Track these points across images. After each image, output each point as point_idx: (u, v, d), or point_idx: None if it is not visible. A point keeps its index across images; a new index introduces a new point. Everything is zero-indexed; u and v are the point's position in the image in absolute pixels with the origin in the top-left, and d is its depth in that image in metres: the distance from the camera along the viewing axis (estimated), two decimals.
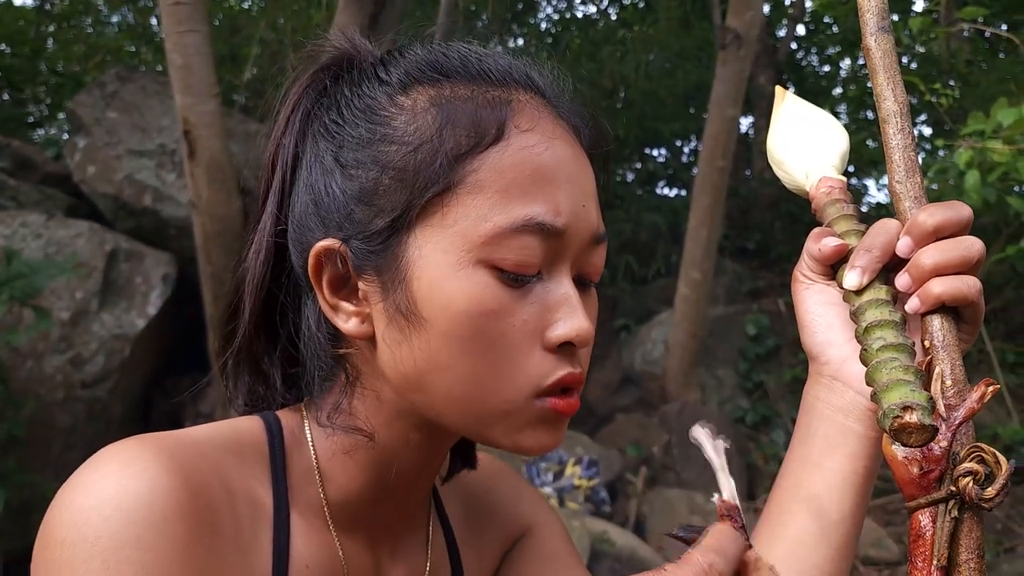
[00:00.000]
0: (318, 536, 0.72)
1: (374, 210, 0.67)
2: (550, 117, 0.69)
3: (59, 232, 4.71)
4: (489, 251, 0.64)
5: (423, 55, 0.71)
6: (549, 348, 0.66)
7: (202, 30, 4.09)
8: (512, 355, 0.65)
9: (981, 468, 0.54)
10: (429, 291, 0.65)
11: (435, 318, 0.64)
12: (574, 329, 0.65)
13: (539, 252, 0.65)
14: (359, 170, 0.67)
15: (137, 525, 0.57)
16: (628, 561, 4.15)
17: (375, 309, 0.68)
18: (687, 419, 5.54)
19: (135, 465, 0.59)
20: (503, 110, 0.67)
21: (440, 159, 0.65)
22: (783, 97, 0.76)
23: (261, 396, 0.76)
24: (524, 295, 0.65)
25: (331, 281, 0.69)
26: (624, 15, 10.15)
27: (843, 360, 0.69)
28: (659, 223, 7.71)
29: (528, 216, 0.64)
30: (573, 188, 0.67)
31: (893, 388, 0.58)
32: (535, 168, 0.65)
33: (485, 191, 0.64)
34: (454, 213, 0.64)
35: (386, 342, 0.67)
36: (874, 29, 0.66)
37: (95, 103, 5.32)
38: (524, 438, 0.67)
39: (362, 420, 0.71)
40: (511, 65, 0.71)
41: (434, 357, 0.65)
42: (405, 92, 0.69)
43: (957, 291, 0.60)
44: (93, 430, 4.41)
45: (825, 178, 0.70)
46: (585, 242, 0.68)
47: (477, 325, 0.64)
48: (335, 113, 0.71)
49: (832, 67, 10.70)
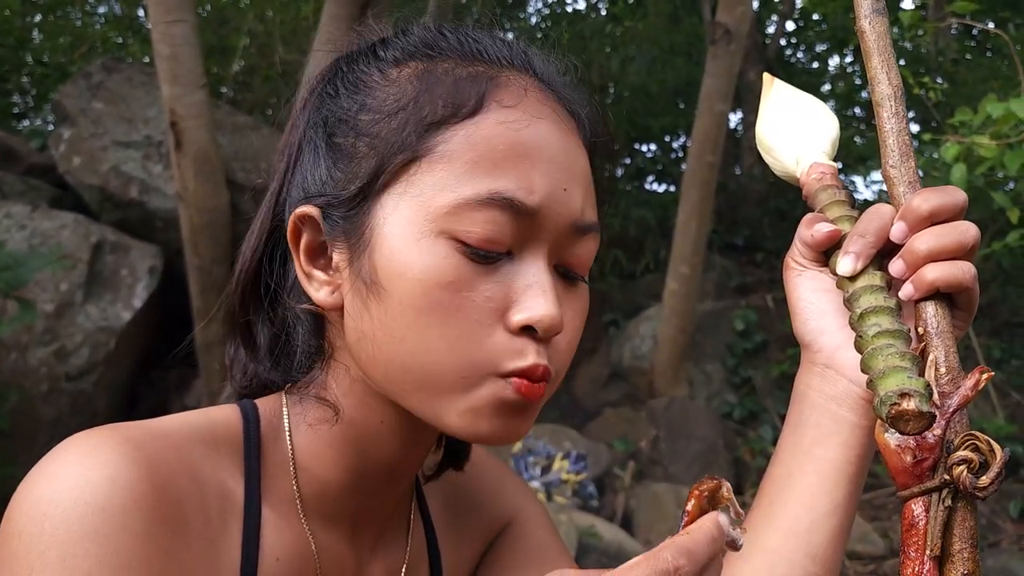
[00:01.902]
0: (290, 529, 0.70)
1: (349, 177, 0.66)
2: (541, 98, 0.68)
3: (44, 223, 4.67)
4: (452, 222, 0.62)
5: (421, 34, 0.71)
6: (511, 330, 0.63)
7: (189, 20, 4.06)
8: (470, 330, 0.63)
9: (976, 457, 0.54)
10: (388, 259, 0.63)
11: (392, 287, 0.63)
12: (538, 313, 0.62)
13: (508, 229, 0.63)
14: (342, 139, 0.68)
15: (96, 517, 0.56)
16: (615, 555, 4.15)
17: (344, 277, 0.67)
18: (675, 414, 5.55)
19: (97, 456, 0.58)
20: (486, 83, 0.66)
21: (410, 126, 0.64)
22: (771, 84, 0.75)
23: (247, 368, 0.75)
24: (490, 272, 0.63)
25: (308, 248, 0.68)
26: (614, 10, 10.14)
27: (836, 348, 0.69)
28: (648, 218, 7.71)
29: (494, 189, 0.62)
30: (554, 169, 0.65)
31: (890, 375, 0.57)
32: (511, 144, 0.64)
33: (454, 162, 0.63)
34: (420, 182, 0.63)
35: (351, 314, 0.67)
36: (868, 11, 0.65)
37: (81, 94, 5.27)
38: (482, 423, 0.64)
39: (332, 396, 0.70)
40: (509, 46, 0.70)
41: (391, 327, 0.63)
42: (396, 66, 0.69)
43: (952, 277, 0.59)
44: (77, 423, 4.38)
45: (816, 164, 0.69)
46: (564, 227, 0.66)
47: (433, 296, 0.62)
48: (331, 87, 0.71)
49: (821, 63, 10.72)
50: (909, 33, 4.16)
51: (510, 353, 0.63)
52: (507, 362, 0.63)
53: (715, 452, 5.40)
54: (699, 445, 5.40)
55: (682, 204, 5.71)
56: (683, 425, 5.49)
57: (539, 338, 0.64)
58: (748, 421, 6.15)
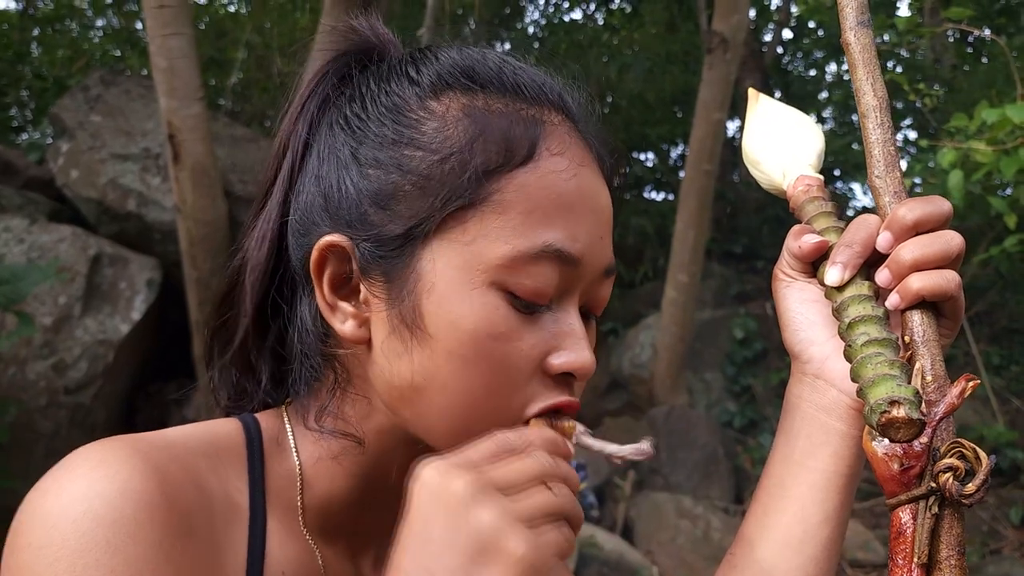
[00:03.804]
0: (295, 542, 0.70)
1: (390, 214, 0.64)
2: (579, 143, 0.68)
3: (42, 237, 4.68)
4: (505, 274, 0.62)
5: (457, 59, 0.69)
6: (549, 374, 0.65)
7: (187, 33, 4.07)
8: (512, 379, 0.64)
9: (961, 464, 0.54)
10: (438, 307, 0.63)
11: (441, 335, 0.63)
12: (579, 361, 0.64)
13: (555, 281, 0.63)
14: (379, 170, 0.65)
15: (106, 528, 0.56)
16: (616, 565, 4.14)
17: (376, 315, 0.66)
18: (675, 423, 5.55)
19: (106, 467, 0.58)
20: (536, 129, 0.65)
21: (469, 173, 0.63)
22: (757, 98, 0.76)
23: (246, 392, 0.74)
24: (533, 322, 0.64)
25: (332, 279, 0.66)
26: (611, 19, 10.17)
27: (825, 358, 0.69)
28: (646, 227, 7.72)
29: (547, 243, 0.63)
30: (594, 219, 0.66)
31: (879, 383, 0.57)
32: (560, 194, 0.64)
33: (508, 212, 0.63)
34: (474, 230, 0.63)
35: (384, 352, 0.66)
36: (853, 24, 0.66)
37: (78, 107, 5.29)
38: None
39: (352, 425, 0.69)
40: (545, 83, 0.69)
41: (434, 374, 0.64)
42: (436, 96, 0.67)
43: (936, 286, 0.59)
44: (76, 436, 4.37)
45: (802, 176, 0.70)
46: (597, 275, 0.67)
47: (483, 347, 0.62)
48: (358, 106, 0.68)
49: (818, 71, 10.75)
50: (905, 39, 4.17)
51: (544, 393, 0.65)
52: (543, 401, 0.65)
53: (715, 461, 5.39)
54: (699, 454, 5.39)
55: (680, 212, 5.71)
56: (683, 434, 5.48)
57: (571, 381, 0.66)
58: (748, 429, 6.14)
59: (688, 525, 4.66)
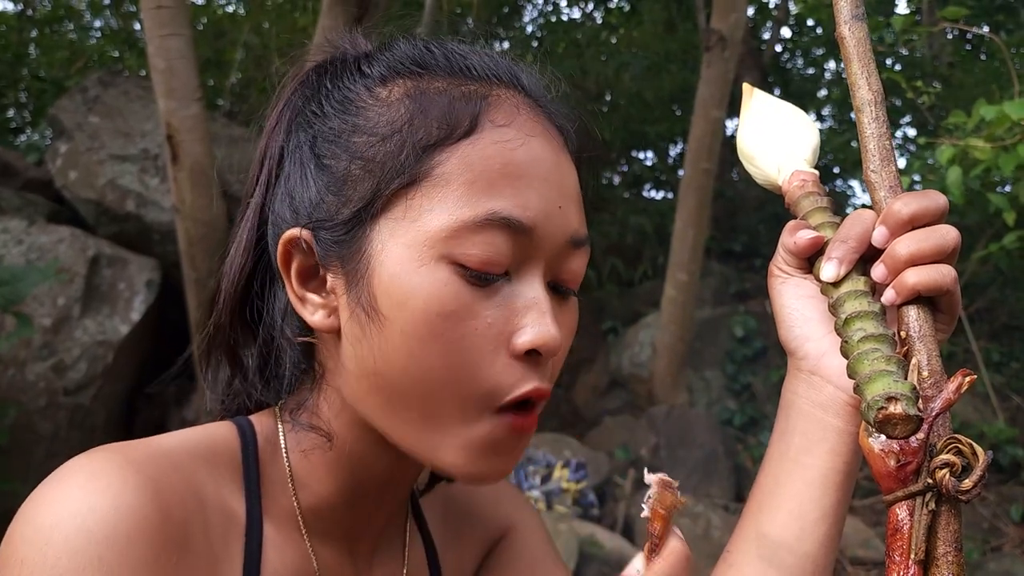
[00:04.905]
0: (292, 546, 0.70)
1: (342, 200, 0.65)
2: (532, 115, 0.68)
3: (41, 238, 4.67)
4: (452, 246, 0.62)
5: (407, 49, 0.70)
6: (515, 355, 0.63)
7: (185, 34, 4.06)
8: (473, 360, 0.62)
9: (958, 460, 0.54)
10: (388, 286, 0.63)
11: (394, 315, 0.62)
12: (541, 336, 0.63)
13: (506, 250, 0.63)
14: (332, 160, 0.66)
15: (100, 545, 0.55)
16: (617, 564, 4.14)
17: (340, 302, 0.66)
18: (675, 421, 5.54)
19: (100, 480, 0.57)
20: (478, 103, 0.65)
21: (407, 150, 0.63)
22: (751, 94, 0.76)
23: (238, 391, 0.74)
24: (489, 296, 0.63)
25: (300, 272, 0.67)
26: (609, 18, 10.17)
27: (821, 354, 0.69)
28: (645, 225, 7.71)
29: (492, 210, 0.62)
30: (548, 187, 0.65)
31: (876, 379, 0.57)
32: (506, 163, 0.64)
33: (451, 184, 0.63)
34: (418, 206, 0.63)
35: (348, 339, 0.66)
36: (848, 17, 0.65)
37: (77, 108, 5.28)
38: (479, 462, 0.64)
39: (324, 420, 0.69)
40: (496, 62, 0.70)
41: (392, 357, 0.63)
42: (384, 84, 0.68)
43: (932, 281, 0.59)
44: (76, 438, 4.37)
45: (797, 171, 0.70)
46: (560, 245, 0.66)
47: (436, 325, 0.61)
48: (315, 105, 0.70)
49: (817, 69, 10.74)
50: (902, 37, 4.17)
51: (512, 379, 0.63)
52: (508, 390, 0.63)
53: (715, 459, 5.39)
54: (699, 452, 5.39)
55: (679, 211, 5.71)
56: (683, 432, 5.48)
57: (539, 360, 0.64)
58: (748, 428, 6.14)
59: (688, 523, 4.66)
